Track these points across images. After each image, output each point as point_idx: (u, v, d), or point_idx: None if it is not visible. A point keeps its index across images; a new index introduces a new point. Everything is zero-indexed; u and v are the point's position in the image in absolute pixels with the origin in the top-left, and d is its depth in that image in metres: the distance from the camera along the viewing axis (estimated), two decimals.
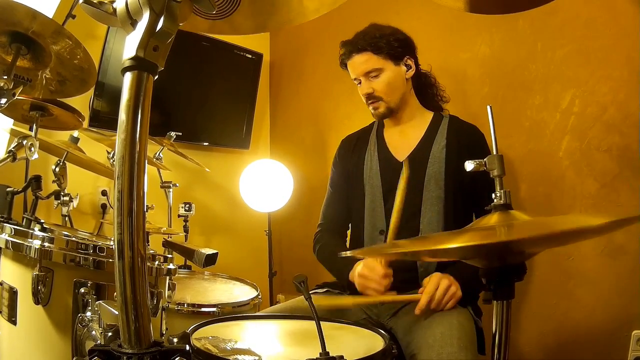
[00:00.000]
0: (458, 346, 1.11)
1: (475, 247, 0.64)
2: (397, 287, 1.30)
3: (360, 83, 1.52)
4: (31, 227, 1.13)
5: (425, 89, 1.60)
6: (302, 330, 1.07)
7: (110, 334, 0.61)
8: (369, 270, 1.30)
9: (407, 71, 1.50)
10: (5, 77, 1.14)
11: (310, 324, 1.02)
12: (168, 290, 1.25)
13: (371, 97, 1.50)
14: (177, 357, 0.57)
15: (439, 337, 1.14)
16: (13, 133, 1.62)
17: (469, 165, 0.85)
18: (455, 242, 0.66)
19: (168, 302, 1.27)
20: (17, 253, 1.07)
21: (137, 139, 0.57)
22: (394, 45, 1.46)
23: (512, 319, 0.70)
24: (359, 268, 1.34)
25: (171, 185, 2.27)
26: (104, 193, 2.33)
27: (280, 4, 0.78)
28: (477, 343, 1.24)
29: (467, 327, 1.21)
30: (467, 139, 1.47)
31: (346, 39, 1.52)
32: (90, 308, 0.99)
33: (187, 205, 2.32)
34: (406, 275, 1.37)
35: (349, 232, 1.64)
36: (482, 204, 0.87)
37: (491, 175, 0.82)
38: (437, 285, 1.24)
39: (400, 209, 1.26)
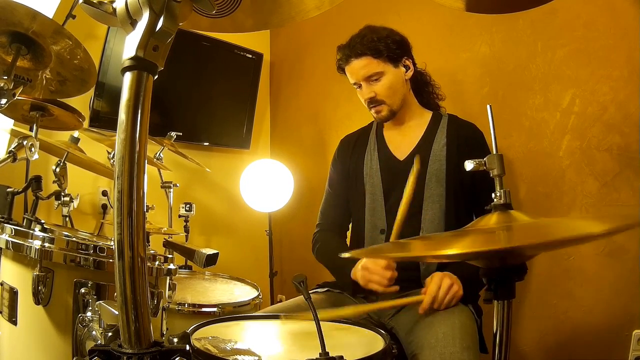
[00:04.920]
0: (460, 346, 1.11)
1: (474, 253, 0.64)
2: (400, 286, 1.29)
3: (360, 87, 1.50)
4: (31, 227, 1.14)
5: (422, 88, 1.60)
6: (302, 330, 1.07)
7: (110, 334, 0.61)
8: (372, 262, 1.29)
9: (406, 72, 1.50)
10: (5, 77, 1.14)
11: (310, 324, 1.02)
12: (168, 290, 1.25)
13: (373, 102, 1.49)
14: (177, 357, 0.57)
15: (441, 337, 1.14)
16: (13, 133, 1.62)
17: (469, 165, 0.84)
18: (456, 248, 0.66)
19: (168, 302, 1.27)
20: (18, 253, 1.07)
21: (137, 139, 0.57)
22: (392, 47, 1.45)
23: (512, 318, 0.70)
24: (362, 261, 1.33)
25: (171, 185, 2.27)
26: (104, 193, 2.33)
27: (281, 1, 0.78)
28: (478, 343, 1.24)
29: (469, 327, 1.21)
30: (466, 137, 1.48)
31: (342, 44, 1.50)
32: (90, 308, 0.99)
33: (188, 206, 2.32)
34: (408, 274, 1.36)
35: (348, 233, 1.64)
36: (482, 202, 0.87)
37: (491, 175, 0.82)
38: (439, 285, 1.23)
39: (408, 204, 1.25)
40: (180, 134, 2.17)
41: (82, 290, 1.02)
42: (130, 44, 0.58)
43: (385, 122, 1.55)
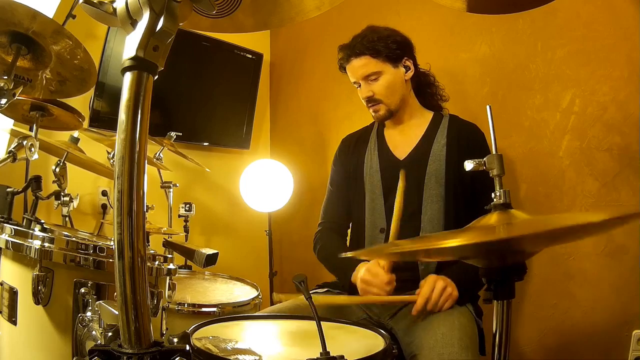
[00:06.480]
0: (459, 346, 1.11)
1: (475, 246, 0.63)
2: (398, 286, 1.30)
3: (359, 86, 1.53)
4: (31, 227, 1.13)
5: (424, 88, 1.60)
6: (303, 330, 1.07)
7: (110, 334, 0.61)
8: (371, 275, 1.30)
9: (406, 72, 1.51)
10: (6, 77, 1.14)
11: (311, 324, 1.03)
12: (168, 290, 1.25)
13: (371, 100, 1.51)
14: (177, 357, 0.57)
15: (440, 337, 1.14)
16: (13, 133, 1.63)
17: (469, 165, 0.85)
18: (455, 241, 0.65)
19: (168, 302, 1.27)
20: (18, 253, 1.07)
21: (137, 139, 0.57)
22: (392, 47, 1.46)
23: (512, 318, 0.70)
24: (361, 272, 1.33)
25: (171, 185, 2.27)
26: (104, 193, 2.33)
27: (281, 1, 0.78)
28: (478, 343, 1.25)
29: (468, 328, 1.21)
30: (467, 137, 1.48)
31: (344, 43, 1.53)
32: (90, 308, 0.99)
33: (188, 206, 2.32)
34: (407, 275, 1.37)
35: (349, 231, 1.64)
36: (482, 202, 0.87)
37: (490, 175, 0.82)
38: (432, 288, 1.24)
39: (401, 207, 1.26)
40: (180, 134, 2.17)
41: (82, 290, 1.02)
42: (130, 44, 0.58)
43: (383, 121, 1.56)
